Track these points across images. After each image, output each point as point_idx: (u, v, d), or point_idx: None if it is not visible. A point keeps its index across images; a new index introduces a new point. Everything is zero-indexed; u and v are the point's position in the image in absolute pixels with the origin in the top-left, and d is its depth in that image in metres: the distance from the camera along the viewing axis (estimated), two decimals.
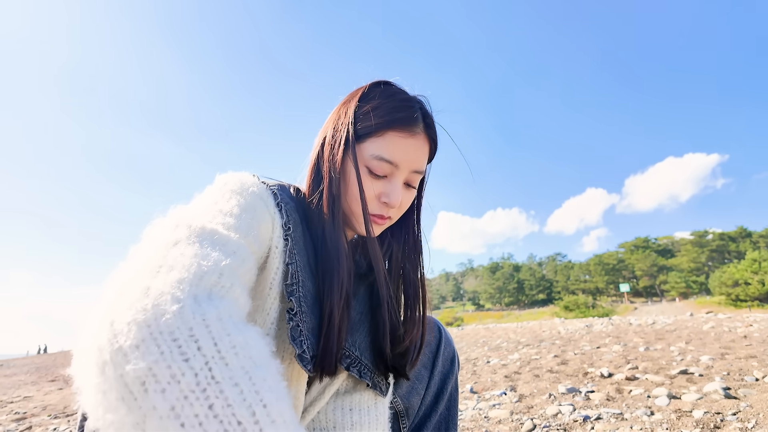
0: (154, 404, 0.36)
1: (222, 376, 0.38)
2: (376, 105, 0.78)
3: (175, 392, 0.36)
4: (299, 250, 0.72)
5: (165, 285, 0.44)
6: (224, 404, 0.37)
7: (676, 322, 9.49)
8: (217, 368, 0.38)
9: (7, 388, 6.93)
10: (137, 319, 0.40)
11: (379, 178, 0.78)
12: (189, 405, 0.36)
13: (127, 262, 0.51)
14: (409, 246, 0.91)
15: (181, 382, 0.37)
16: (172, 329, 0.40)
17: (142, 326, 0.39)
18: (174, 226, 0.56)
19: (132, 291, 0.43)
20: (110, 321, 0.40)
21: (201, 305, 0.43)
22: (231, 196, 0.66)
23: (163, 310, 0.41)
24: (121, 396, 0.37)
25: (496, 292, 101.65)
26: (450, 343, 1.06)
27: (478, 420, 2.46)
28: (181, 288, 0.44)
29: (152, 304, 0.41)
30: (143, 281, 0.44)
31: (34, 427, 3.34)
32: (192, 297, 0.43)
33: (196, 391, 0.37)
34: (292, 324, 0.67)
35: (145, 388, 0.37)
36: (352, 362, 0.79)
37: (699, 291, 75.54)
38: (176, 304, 0.42)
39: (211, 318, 0.42)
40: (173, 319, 0.40)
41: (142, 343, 0.38)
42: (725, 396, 2.43)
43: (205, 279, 0.47)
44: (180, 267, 0.47)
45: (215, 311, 0.43)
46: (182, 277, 0.45)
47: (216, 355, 0.39)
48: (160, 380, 0.37)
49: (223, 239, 0.56)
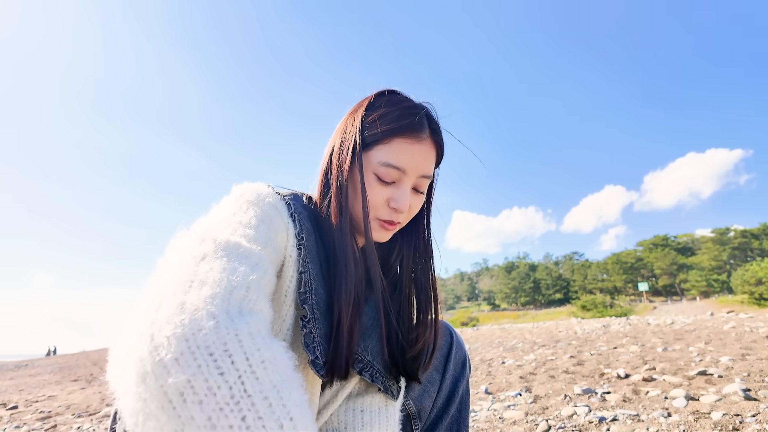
0: (193, 414, 0.40)
1: (253, 390, 0.42)
2: (382, 113, 0.81)
3: (212, 404, 0.40)
4: (312, 259, 0.74)
5: (199, 300, 0.47)
6: (255, 416, 0.40)
7: (695, 322, 9.32)
8: (249, 382, 0.42)
9: (32, 388, 7.12)
10: (176, 333, 0.43)
11: (387, 184, 0.80)
12: (224, 416, 0.40)
13: (157, 276, 0.54)
14: (420, 250, 0.93)
15: (216, 395, 0.40)
16: (208, 344, 0.43)
17: (181, 340, 0.43)
18: (200, 240, 0.59)
19: (168, 306, 0.46)
20: (150, 334, 0.44)
21: (233, 321, 0.46)
22: (248, 208, 0.69)
23: (199, 326, 0.44)
24: (161, 405, 0.40)
25: (512, 292, 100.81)
26: (461, 347, 1.07)
27: (492, 421, 2.46)
28: (214, 303, 0.47)
29: (189, 318, 0.44)
30: (177, 296, 0.48)
31: (59, 425, 3.44)
32: (225, 312, 0.47)
33: (230, 404, 0.40)
34: (305, 331, 0.69)
35: (184, 398, 0.40)
36: (364, 367, 0.81)
37: (720, 290, 73.89)
38: (211, 320, 0.45)
39: (243, 334, 0.45)
40: (209, 335, 0.44)
41: (181, 357, 0.42)
42: (745, 397, 2.39)
43: (234, 293, 0.51)
44: (211, 282, 0.50)
45: (246, 327, 0.46)
46: (214, 293, 0.49)
47: (248, 369, 0.43)
48: (198, 392, 0.40)
49: (246, 252, 0.60)
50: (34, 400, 5.30)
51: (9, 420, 3.84)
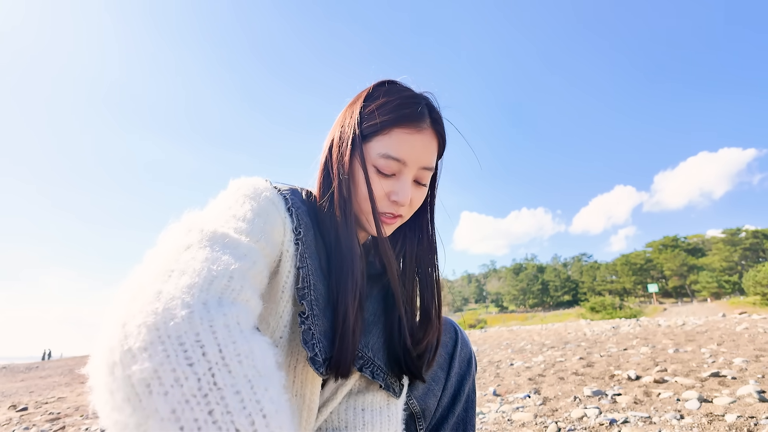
0: (157, 406, 0.37)
1: (224, 383, 0.39)
2: (380, 104, 0.78)
3: (177, 396, 0.37)
4: (310, 254, 0.72)
5: (176, 289, 0.44)
6: (224, 411, 0.37)
7: (707, 323, 9.20)
8: (220, 375, 0.39)
9: (42, 390, 7.18)
10: (147, 322, 0.41)
11: (387, 176, 0.78)
12: (190, 409, 0.37)
13: (141, 266, 0.52)
14: (423, 245, 0.90)
15: (183, 386, 0.38)
16: (179, 333, 0.40)
17: (152, 329, 0.40)
18: (187, 230, 0.57)
19: (144, 294, 0.44)
20: (122, 323, 0.41)
21: (209, 311, 0.43)
22: (244, 201, 0.68)
23: (172, 315, 0.41)
24: (127, 396, 0.38)
25: (520, 294, 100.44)
26: (467, 344, 1.05)
27: (501, 423, 2.43)
28: (191, 293, 0.45)
29: (163, 308, 0.42)
30: (155, 285, 0.45)
31: (68, 427, 3.45)
32: (201, 302, 0.44)
33: (197, 396, 0.37)
34: (303, 327, 0.67)
35: (149, 390, 0.37)
36: (365, 363, 0.79)
37: (732, 291, 73.06)
38: (185, 309, 0.42)
39: (218, 324, 0.43)
40: (181, 324, 0.41)
41: (150, 346, 0.39)
42: (760, 399, 2.34)
43: (215, 283, 0.48)
44: (191, 271, 0.48)
45: (223, 318, 0.44)
46: (193, 282, 0.46)
47: (220, 361, 0.40)
48: (164, 383, 0.38)
49: (233, 242, 0.57)
50: (44, 401, 5.33)
51: (19, 422, 3.86)
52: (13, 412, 4.52)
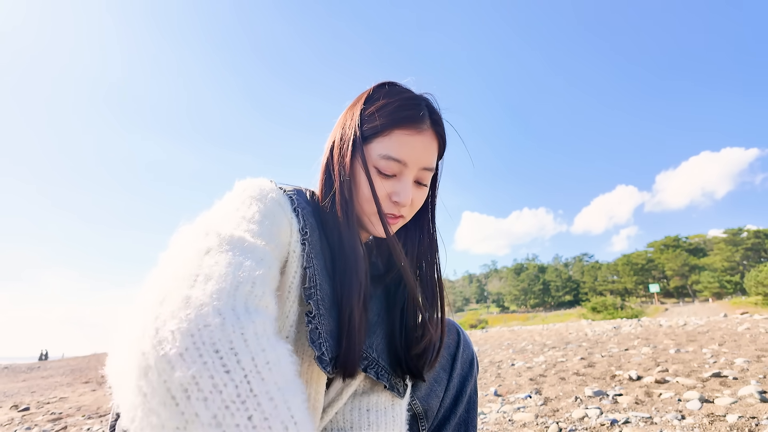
0: (197, 411, 0.38)
1: (259, 390, 0.40)
2: (381, 105, 0.79)
3: (218, 402, 0.39)
4: (316, 254, 0.73)
5: (204, 295, 0.46)
6: (262, 417, 0.39)
7: (708, 324, 9.19)
8: (255, 382, 0.41)
9: (44, 390, 7.19)
10: (181, 328, 0.42)
11: (388, 177, 0.79)
12: (230, 415, 0.38)
13: (160, 269, 0.53)
14: (425, 246, 0.91)
15: (222, 393, 0.39)
16: (214, 341, 0.42)
17: (186, 336, 0.41)
18: (204, 233, 0.58)
19: (173, 300, 0.45)
20: (155, 328, 0.42)
21: (240, 319, 0.45)
22: (251, 203, 0.68)
23: (205, 322, 0.43)
24: (163, 401, 0.39)
25: (521, 294, 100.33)
26: (469, 346, 1.05)
27: (502, 423, 2.43)
28: (220, 299, 0.46)
29: (195, 314, 0.43)
30: (182, 290, 0.46)
31: (69, 427, 3.46)
32: (231, 309, 0.45)
33: (236, 402, 0.39)
34: (310, 327, 0.68)
35: (188, 395, 0.39)
36: (369, 364, 0.80)
37: (734, 291, 72.92)
38: (218, 316, 0.44)
39: (249, 333, 0.44)
40: (215, 331, 0.42)
41: (185, 352, 0.40)
42: (761, 400, 2.34)
43: (240, 289, 0.49)
44: (216, 277, 0.49)
45: (252, 326, 0.45)
46: (220, 288, 0.47)
47: (253, 369, 0.42)
48: (203, 389, 0.39)
49: (251, 247, 0.58)
50: (46, 401, 5.34)
51: (21, 421, 3.87)
52: (15, 412, 4.53)
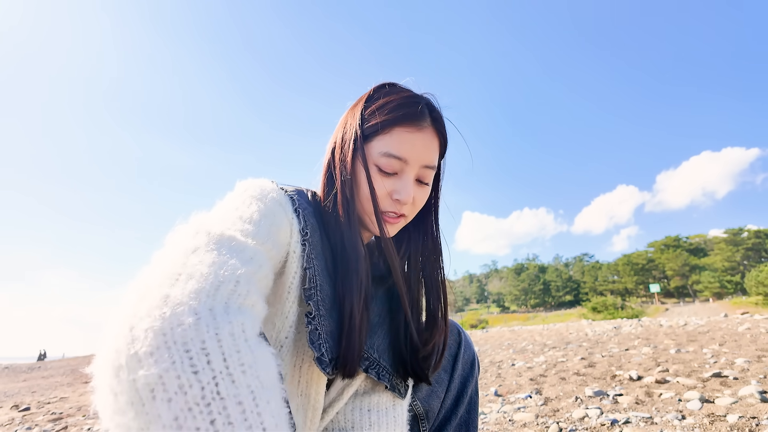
0: (160, 412, 0.37)
1: (227, 393, 0.39)
2: (381, 104, 0.79)
3: (181, 403, 0.37)
4: (317, 255, 0.73)
5: (183, 294, 0.44)
6: (225, 421, 0.37)
7: (709, 324, 9.18)
8: (224, 384, 0.39)
9: (45, 389, 7.19)
10: (154, 326, 0.40)
11: (389, 175, 0.79)
12: (192, 417, 0.37)
13: (149, 268, 0.52)
14: (428, 247, 0.90)
15: (187, 394, 0.38)
16: (185, 340, 0.40)
17: (158, 334, 0.40)
18: (194, 232, 0.57)
19: (152, 298, 0.44)
20: (130, 326, 0.41)
21: (216, 319, 0.43)
22: (251, 203, 0.68)
23: (179, 321, 0.41)
24: (130, 400, 0.38)
25: (522, 294, 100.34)
26: (470, 346, 1.05)
27: (502, 423, 2.43)
28: (198, 299, 0.44)
29: (170, 312, 0.42)
30: (162, 289, 0.45)
31: (70, 427, 3.46)
32: (208, 309, 0.44)
33: (200, 404, 0.38)
34: (310, 327, 0.68)
35: (153, 395, 0.38)
36: (371, 364, 0.80)
37: (734, 291, 72.90)
38: (192, 315, 0.42)
39: (224, 333, 0.42)
40: (188, 331, 0.41)
41: (156, 351, 0.39)
42: (761, 400, 2.34)
43: (221, 288, 0.48)
44: (198, 276, 0.48)
45: (228, 326, 0.43)
46: (200, 287, 0.46)
47: (224, 371, 0.40)
48: (168, 389, 0.38)
49: (240, 246, 0.57)
50: (46, 401, 5.34)
51: (21, 421, 3.87)
52: (15, 412, 4.53)
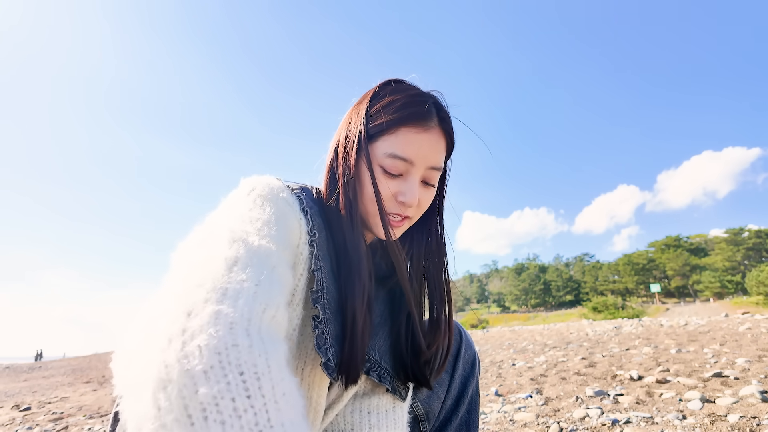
0: None
1: (276, 421, 0.38)
2: (386, 103, 0.77)
3: (236, 427, 0.36)
4: (323, 256, 0.71)
5: (235, 314, 0.44)
6: None
7: (709, 324, 9.17)
8: (273, 412, 0.38)
9: (46, 389, 7.20)
10: (209, 345, 0.40)
11: (394, 176, 0.76)
12: None
13: (181, 275, 0.50)
14: (432, 248, 0.89)
15: (242, 418, 0.37)
16: (239, 362, 0.40)
17: (213, 353, 0.39)
18: (230, 240, 0.55)
19: (202, 314, 0.43)
20: (182, 341, 0.40)
21: (265, 344, 0.43)
22: (263, 204, 0.66)
23: (234, 341, 0.41)
24: (178, 418, 0.37)
25: (522, 294, 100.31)
26: (471, 346, 1.04)
27: (503, 423, 2.43)
28: (250, 321, 0.44)
29: (224, 332, 0.41)
30: (211, 305, 0.44)
31: (71, 426, 3.46)
32: (258, 332, 0.44)
33: (254, 430, 0.37)
34: (317, 331, 0.66)
35: (205, 416, 0.36)
36: (372, 366, 0.79)
37: (735, 291, 72.83)
38: (247, 338, 0.42)
39: (272, 360, 0.42)
40: (243, 353, 0.40)
41: (210, 370, 0.38)
42: (762, 400, 2.34)
43: (267, 313, 0.47)
44: (246, 295, 0.47)
45: (276, 354, 0.43)
46: (250, 309, 0.45)
47: (272, 398, 0.39)
48: (222, 411, 0.37)
49: (276, 261, 0.56)
50: (47, 401, 5.35)
51: (22, 421, 3.88)
52: (16, 412, 4.54)
